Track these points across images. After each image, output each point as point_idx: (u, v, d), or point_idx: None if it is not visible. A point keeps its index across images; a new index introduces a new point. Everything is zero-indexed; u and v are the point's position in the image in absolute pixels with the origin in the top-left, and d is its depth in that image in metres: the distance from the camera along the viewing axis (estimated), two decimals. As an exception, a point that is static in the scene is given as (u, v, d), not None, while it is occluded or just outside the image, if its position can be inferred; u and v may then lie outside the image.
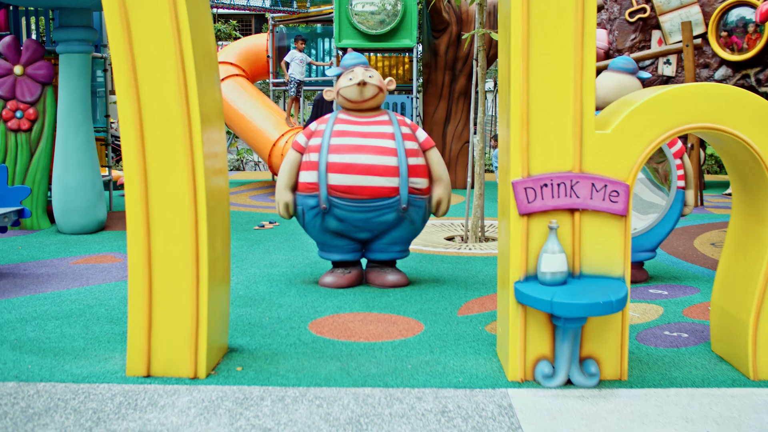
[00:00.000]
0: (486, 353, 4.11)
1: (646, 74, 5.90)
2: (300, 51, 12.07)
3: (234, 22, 20.04)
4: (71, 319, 4.80)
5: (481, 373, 3.79)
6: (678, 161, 5.82)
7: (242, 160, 18.39)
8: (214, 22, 21.86)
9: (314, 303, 5.26)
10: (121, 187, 12.72)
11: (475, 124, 10.51)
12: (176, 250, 3.73)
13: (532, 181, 3.63)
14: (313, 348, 4.21)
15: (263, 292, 5.61)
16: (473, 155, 8.32)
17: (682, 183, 5.83)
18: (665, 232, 5.88)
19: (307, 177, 5.55)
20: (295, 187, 5.66)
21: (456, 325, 4.71)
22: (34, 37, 9.60)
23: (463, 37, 7.72)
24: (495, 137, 11.42)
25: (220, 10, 20.89)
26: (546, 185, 3.64)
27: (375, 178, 5.39)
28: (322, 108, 11.03)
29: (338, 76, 5.82)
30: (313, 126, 5.70)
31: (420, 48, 13.84)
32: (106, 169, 10.50)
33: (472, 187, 8.08)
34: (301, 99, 12.98)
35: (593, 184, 3.63)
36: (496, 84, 26.20)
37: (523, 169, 3.64)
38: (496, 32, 5.30)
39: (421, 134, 5.74)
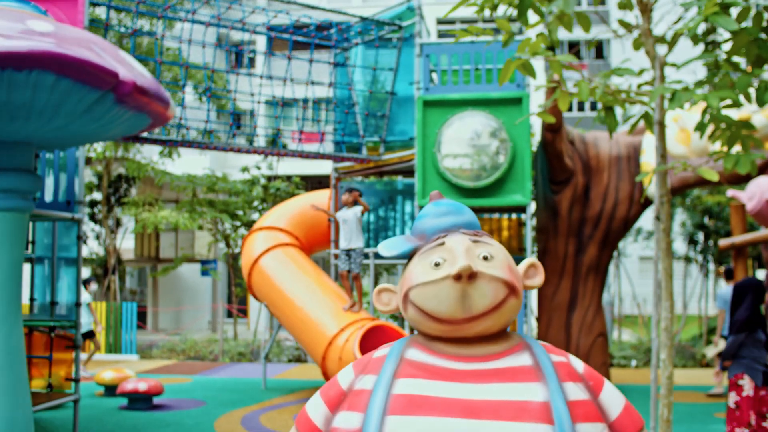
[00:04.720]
0: None
1: None
2: (351, 206, 8.71)
3: (297, 179, 17.04)
4: None
5: None
6: None
7: (303, 350, 14.81)
8: (272, 180, 18.17)
9: None
10: (125, 396, 9.36)
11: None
12: None
13: None
14: None
15: None
16: (658, 363, 4.76)
17: None
18: None
19: None
20: None
21: None
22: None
23: (637, 179, 4.40)
24: (728, 270, 8.19)
25: (285, 169, 17.77)
26: None
27: None
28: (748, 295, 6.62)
29: (410, 255, 2.17)
30: (345, 379, 2.22)
31: (533, 207, 10.54)
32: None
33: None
34: (370, 274, 9.53)
35: None
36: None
37: None
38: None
39: (613, 399, 1.97)
